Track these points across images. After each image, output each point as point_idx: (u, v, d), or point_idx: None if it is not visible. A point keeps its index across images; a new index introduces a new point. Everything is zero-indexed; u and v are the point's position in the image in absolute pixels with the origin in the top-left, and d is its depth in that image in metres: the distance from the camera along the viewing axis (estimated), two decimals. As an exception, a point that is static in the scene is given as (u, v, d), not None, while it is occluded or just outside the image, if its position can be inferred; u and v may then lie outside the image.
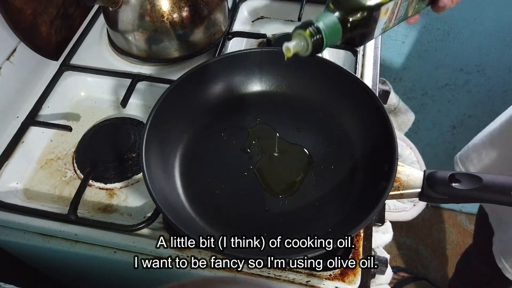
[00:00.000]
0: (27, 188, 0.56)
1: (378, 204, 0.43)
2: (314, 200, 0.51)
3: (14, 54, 0.60)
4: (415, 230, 1.48)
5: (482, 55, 1.07)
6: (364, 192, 0.50)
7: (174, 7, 0.61)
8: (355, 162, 0.53)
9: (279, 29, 0.76)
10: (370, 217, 0.43)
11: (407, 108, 0.97)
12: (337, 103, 0.57)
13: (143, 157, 0.47)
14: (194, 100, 0.57)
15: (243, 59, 0.58)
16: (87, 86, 0.66)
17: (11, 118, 0.60)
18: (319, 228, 0.48)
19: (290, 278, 0.47)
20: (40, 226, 0.50)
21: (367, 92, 0.53)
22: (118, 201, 0.54)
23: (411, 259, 1.42)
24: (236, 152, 0.55)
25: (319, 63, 0.58)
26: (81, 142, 0.60)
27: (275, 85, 0.60)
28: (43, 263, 0.58)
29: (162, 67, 0.67)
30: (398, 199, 0.99)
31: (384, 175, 0.46)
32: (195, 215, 0.50)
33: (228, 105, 0.59)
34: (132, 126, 0.61)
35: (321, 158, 0.54)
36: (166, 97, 0.52)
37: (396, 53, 1.12)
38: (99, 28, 0.73)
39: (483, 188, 0.43)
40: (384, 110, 0.51)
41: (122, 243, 0.49)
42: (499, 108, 1.21)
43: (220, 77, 0.59)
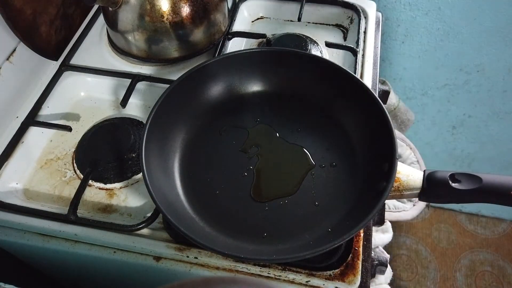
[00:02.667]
0: (27, 188, 0.56)
1: (378, 204, 0.43)
2: (314, 200, 0.51)
3: (14, 54, 0.60)
4: (415, 230, 1.48)
5: (482, 55, 1.07)
6: (364, 192, 0.50)
7: (174, 7, 0.61)
8: (355, 162, 0.53)
9: (279, 29, 0.76)
10: (370, 217, 0.43)
11: (407, 108, 0.97)
12: (337, 103, 0.57)
13: (143, 157, 0.47)
14: (194, 100, 0.57)
15: (243, 59, 0.58)
16: (87, 86, 0.66)
17: (11, 118, 0.60)
18: (319, 228, 0.48)
19: (290, 278, 0.47)
20: (40, 226, 0.50)
21: (367, 92, 0.53)
22: (118, 201, 0.54)
23: (411, 259, 1.42)
24: (235, 152, 0.55)
25: (319, 63, 0.58)
26: (81, 142, 0.60)
27: (275, 85, 0.60)
28: (43, 263, 0.58)
29: (162, 67, 0.67)
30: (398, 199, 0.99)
31: (384, 175, 0.46)
32: (195, 215, 0.50)
33: (228, 105, 0.59)
34: (132, 126, 0.61)
35: (321, 158, 0.54)
36: (166, 97, 0.52)
37: (396, 53, 1.12)
38: (99, 28, 0.73)
39: (483, 188, 0.43)
40: (384, 110, 0.51)
41: (122, 243, 0.49)
42: (499, 108, 1.21)
43: (220, 77, 0.59)
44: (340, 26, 0.77)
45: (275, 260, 0.45)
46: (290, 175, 0.53)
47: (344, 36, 0.76)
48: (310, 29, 0.76)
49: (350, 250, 0.48)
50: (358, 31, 0.72)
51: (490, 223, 1.55)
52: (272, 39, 0.70)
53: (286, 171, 0.54)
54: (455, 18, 0.99)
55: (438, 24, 1.02)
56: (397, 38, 1.08)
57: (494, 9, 0.96)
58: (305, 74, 0.59)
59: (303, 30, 0.75)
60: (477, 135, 1.32)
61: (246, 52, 0.58)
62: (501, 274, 1.39)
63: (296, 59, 0.58)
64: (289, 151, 0.55)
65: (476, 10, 0.97)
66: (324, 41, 0.70)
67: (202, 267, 0.48)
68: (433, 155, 1.42)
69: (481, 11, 0.97)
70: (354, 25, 0.75)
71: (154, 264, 0.49)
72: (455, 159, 1.43)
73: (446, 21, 1.00)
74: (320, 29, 0.77)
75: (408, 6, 0.98)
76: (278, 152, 0.55)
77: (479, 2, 0.95)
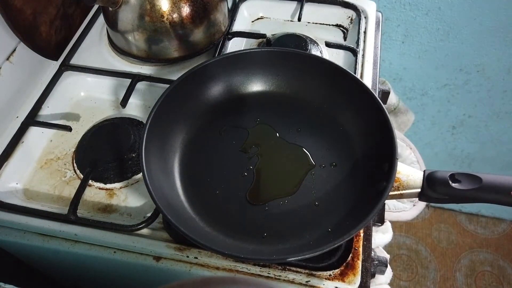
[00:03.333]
0: (27, 188, 0.56)
1: (378, 204, 0.43)
2: (314, 200, 0.51)
3: (14, 54, 0.60)
4: (415, 230, 1.48)
5: (482, 55, 1.07)
6: (364, 192, 0.50)
7: (174, 7, 0.61)
8: (355, 162, 0.53)
9: (279, 29, 0.76)
10: (370, 217, 0.43)
11: (407, 108, 0.97)
12: (337, 103, 0.57)
13: (143, 157, 0.47)
14: (193, 100, 0.57)
15: (243, 59, 0.58)
16: (87, 86, 0.66)
17: (10, 118, 0.60)
18: (319, 228, 0.48)
19: (290, 278, 0.47)
20: (40, 226, 0.50)
21: (367, 92, 0.53)
22: (118, 201, 0.54)
23: (411, 259, 1.42)
24: (235, 152, 0.55)
25: (319, 63, 0.58)
26: (81, 142, 0.60)
27: (275, 85, 0.60)
28: (43, 263, 0.58)
29: (162, 67, 0.67)
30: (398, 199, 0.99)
31: (384, 175, 0.46)
32: (194, 215, 0.50)
33: (227, 105, 0.59)
34: (132, 126, 0.61)
35: (321, 158, 0.54)
36: (166, 97, 0.52)
37: (396, 53, 1.12)
38: (99, 28, 0.73)
39: (483, 188, 0.43)
40: (384, 110, 0.51)
41: (122, 243, 0.49)
42: (499, 108, 1.21)
43: (219, 77, 0.59)
44: (340, 26, 0.77)
45: (275, 260, 0.45)
46: (290, 175, 0.53)
47: (344, 36, 0.76)
48: (310, 29, 0.76)
49: (350, 250, 0.48)
50: (358, 31, 0.72)
51: (490, 223, 1.55)
52: (272, 39, 0.70)
53: (286, 171, 0.54)
54: (455, 18, 0.99)
55: (438, 24, 1.02)
56: (397, 38, 1.08)
57: (494, 9, 0.96)
58: (305, 74, 0.59)
59: (303, 30, 0.75)
60: (477, 135, 1.32)
61: (246, 52, 0.58)
62: (501, 274, 1.39)
63: (297, 59, 0.58)
64: (289, 151, 0.55)
65: (476, 10, 0.97)
66: (324, 41, 0.70)
67: (202, 267, 0.48)
68: (433, 155, 1.42)
69: (481, 11, 0.97)
70: (354, 25, 0.75)
71: (154, 264, 0.49)
72: (455, 159, 1.43)
73: (446, 21, 1.00)
74: (320, 29, 0.77)
75: (408, 6, 0.98)
76: (278, 152, 0.55)
77: (479, 2, 0.95)
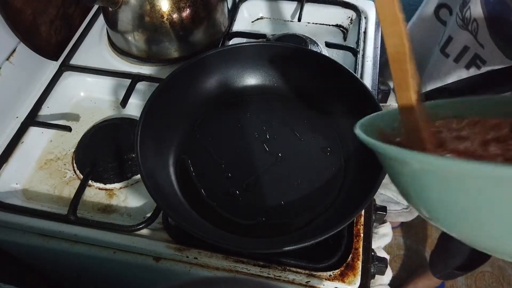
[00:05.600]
0: (27, 188, 0.56)
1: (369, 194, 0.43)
2: (312, 189, 0.51)
3: (14, 54, 0.60)
4: (415, 230, 1.48)
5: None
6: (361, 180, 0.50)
7: (174, 7, 0.61)
8: (348, 157, 0.54)
9: (279, 29, 0.76)
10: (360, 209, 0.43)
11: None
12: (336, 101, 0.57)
13: (138, 154, 0.46)
14: (188, 95, 0.57)
15: (237, 53, 0.58)
16: (86, 86, 0.66)
17: (10, 118, 0.60)
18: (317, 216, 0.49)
19: (290, 279, 0.46)
20: (39, 226, 0.50)
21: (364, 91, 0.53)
22: (118, 201, 0.54)
23: (411, 259, 1.42)
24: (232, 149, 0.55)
25: (319, 60, 0.58)
26: (81, 142, 0.60)
27: (271, 81, 0.61)
28: (43, 263, 0.58)
29: (162, 68, 0.67)
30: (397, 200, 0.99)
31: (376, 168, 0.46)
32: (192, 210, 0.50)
33: (222, 100, 0.59)
34: (132, 126, 0.61)
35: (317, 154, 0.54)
36: (159, 92, 0.52)
37: (396, 53, 1.11)
38: (99, 28, 0.73)
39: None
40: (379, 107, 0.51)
41: (122, 243, 0.49)
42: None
43: (214, 72, 0.58)
44: (340, 26, 0.77)
45: (275, 247, 0.45)
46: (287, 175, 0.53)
47: (344, 36, 0.76)
48: (310, 29, 0.76)
49: (350, 250, 0.48)
50: (358, 31, 0.72)
51: (490, 223, 1.54)
52: (272, 39, 0.70)
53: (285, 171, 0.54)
54: (455, 18, 0.99)
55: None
56: (397, 38, 1.07)
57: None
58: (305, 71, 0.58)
59: (303, 30, 0.75)
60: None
61: (241, 46, 0.58)
62: (501, 274, 1.39)
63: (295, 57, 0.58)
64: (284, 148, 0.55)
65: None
66: (324, 41, 0.70)
67: (202, 267, 0.48)
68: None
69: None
70: (354, 25, 0.75)
71: (154, 264, 0.49)
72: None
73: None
74: (320, 29, 0.77)
75: (408, 6, 0.98)
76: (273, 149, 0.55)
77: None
